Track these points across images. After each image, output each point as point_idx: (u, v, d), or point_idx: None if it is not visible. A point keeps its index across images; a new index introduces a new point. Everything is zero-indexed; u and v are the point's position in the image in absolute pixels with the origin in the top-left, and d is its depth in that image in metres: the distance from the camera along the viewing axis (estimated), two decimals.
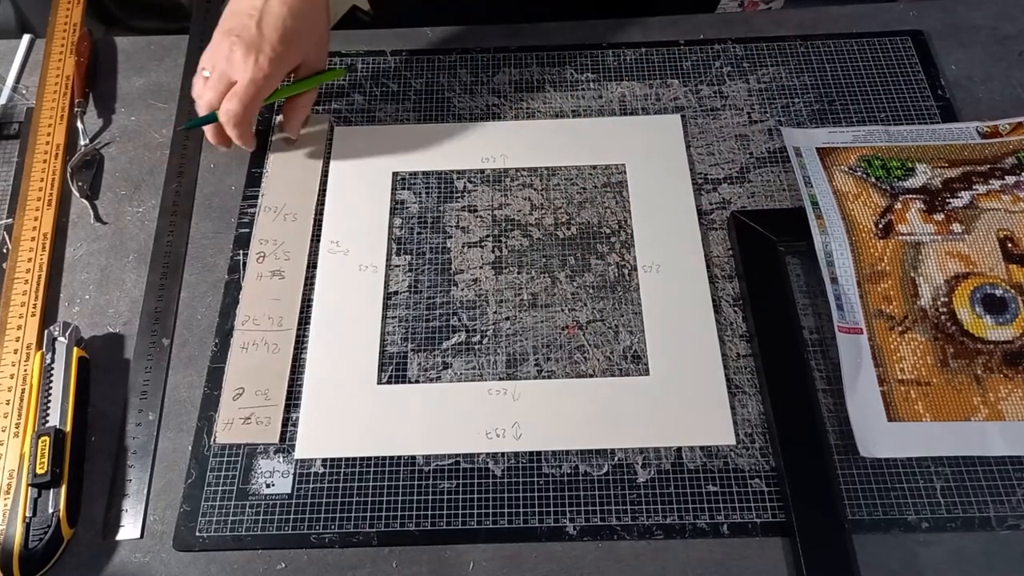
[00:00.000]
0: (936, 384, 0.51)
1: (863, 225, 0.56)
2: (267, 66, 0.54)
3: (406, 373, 0.54)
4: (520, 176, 0.62)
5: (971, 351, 0.52)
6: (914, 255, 0.55)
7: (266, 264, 0.57)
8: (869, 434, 0.49)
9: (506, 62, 0.68)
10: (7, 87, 0.67)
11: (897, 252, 0.55)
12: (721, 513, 0.49)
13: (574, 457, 0.51)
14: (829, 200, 0.57)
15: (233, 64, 0.54)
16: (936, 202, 0.56)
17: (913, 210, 0.56)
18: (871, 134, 0.61)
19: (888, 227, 0.55)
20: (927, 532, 0.48)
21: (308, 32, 0.57)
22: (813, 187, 0.58)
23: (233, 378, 0.53)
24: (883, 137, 0.61)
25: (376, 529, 0.49)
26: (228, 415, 0.52)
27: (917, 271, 0.54)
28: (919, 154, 0.59)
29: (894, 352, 0.52)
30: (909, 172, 0.57)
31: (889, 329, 0.52)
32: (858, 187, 0.58)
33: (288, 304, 0.56)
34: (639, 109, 0.64)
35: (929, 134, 0.61)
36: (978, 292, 0.53)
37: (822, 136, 0.62)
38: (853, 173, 0.58)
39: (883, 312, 0.53)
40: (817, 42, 0.67)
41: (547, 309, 0.56)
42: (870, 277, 0.54)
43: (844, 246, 0.55)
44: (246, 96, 0.54)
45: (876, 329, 0.52)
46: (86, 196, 0.62)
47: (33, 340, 0.55)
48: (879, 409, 0.50)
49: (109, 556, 0.48)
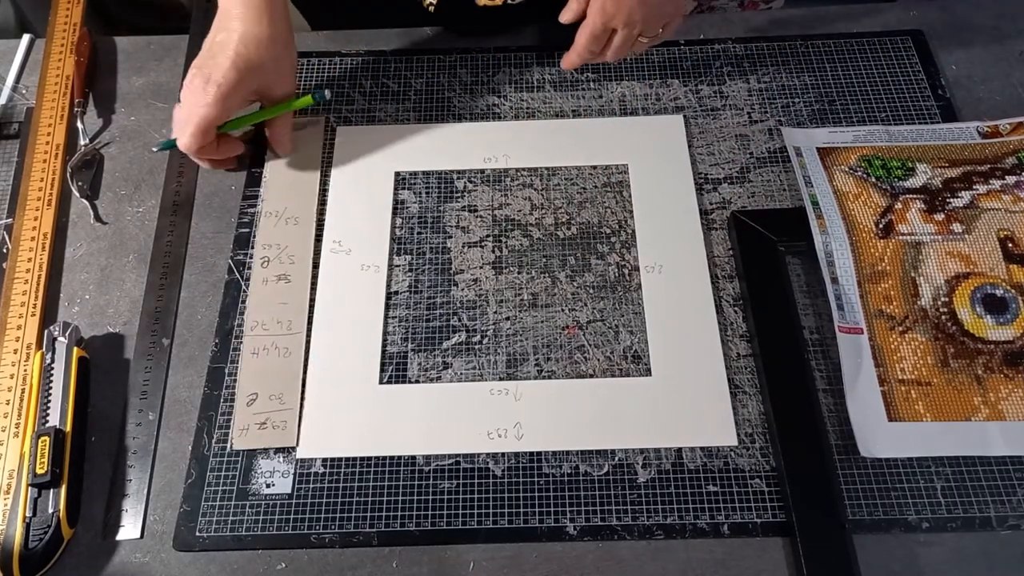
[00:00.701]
0: (936, 384, 0.51)
1: (863, 225, 0.56)
2: (214, 98, 0.54)
3: (406, 373, 0.54)
4: (520, 176, 0.62)
5: (971, 351, 0.52)
6: (915, 255, 0.55)
7: (271, 268, 0.57)
8: (869, 434, 0.49)
9: (506, 62, 0.68)
10: (7, 87, 0.67)
11: (898, 252, 0.55)
12: (721, 513, 0.49)
13: (574, 457, 0.51)
14: (829, 200, 0.57)
15: (191, 94, 0.56)
16: (936, 202, 0.56)
17: (913, 210, 0.56)
18: (871, 134, 0.61)
19: (888, 227, 0.55)
20: (927, 532, 0.48)
21: (267, 62, 0.57)
22: (813, 187, 0.58)
23: (246, 384, 0.53)
24: (883, 137, 0.61)
25: (376, 529, 0.49)
26: (243, 421, 0.52)
27: (918, 271, 0.54)
28: (919, 154, 0.59)
29: (894, 352, 0.52)
30: (910, 172, 0.57)
31: (889, 329, 0.52)
32: (858, 187, 0.58)
33: (296, 308, 0.56)
34: (639, 109, 0.64)
35: (930, 134, 0.61)
36: (978, 292, 0.53)
37: (822, 136, 0.62)
38: (853, 173, 0.58)
39: (883, 312, 0.53)
40: (817, 42, 0.67)
41: (547, 309, 0.56)
42: (870, 277, 0.54)
43: (844, 246, 0.55)
44: (196, 127, 0.55)
45: (876, 329, 0.52)
46: (86, 196, 0.62)
47: (33, 340, 0.55)
48: (879, 409, 0.50)
49: (109, 556, 0.48)
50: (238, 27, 0.55)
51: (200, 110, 0.55)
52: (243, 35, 0.55)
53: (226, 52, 0.55)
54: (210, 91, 0.54)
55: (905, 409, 0.50)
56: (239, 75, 0.55)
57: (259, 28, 0.56)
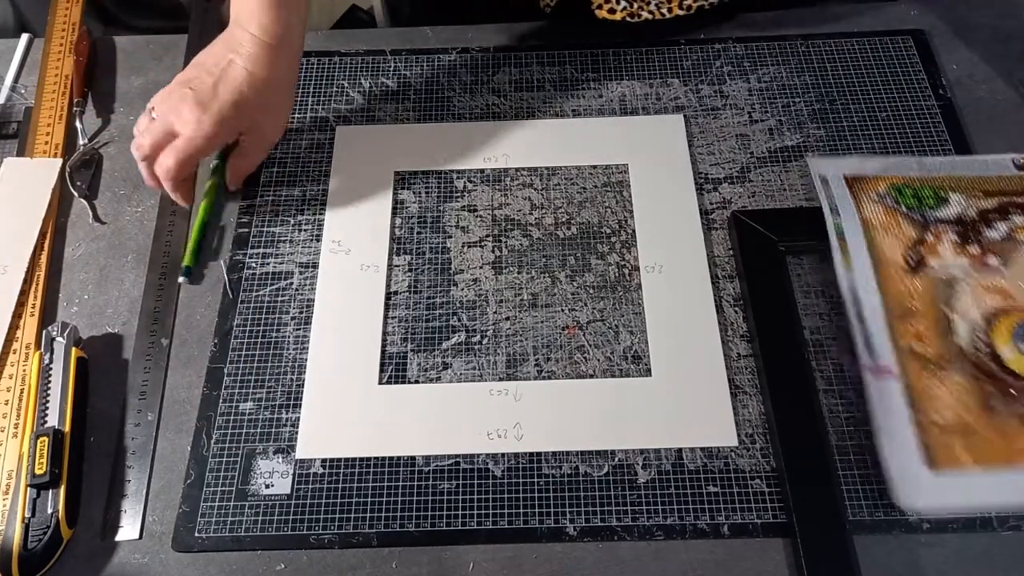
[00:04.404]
0: (979, 428, 0.47)
1: (892, 260, 0.53)
2: (210, 127, 0.53)
3: (406, 373, 0.54)
4: (520, 176, 0.62)
5: (1016, 391, 0.48)
6: (948, 291, 0.51)
7: None
8: (908, 485, 0.45)
9: (506, 62, 0.67)
10: (6, 86, 0.67)
11: (929, 288, 0.52)
12: (722, 514, 0.48)
13: (574, 458, 0.50)
14: (856, 230, 0.54)
15: (180, 116, 0.53)
16: (970, 233, 0.53)
17: (946, 242, 0.53)
18: (902, 164, 0.58)
19: (919, 261, 0.52)
20: (928, 533, 0.47)
21: (267, 103, 0.56)
22: (840, 216, 0.54)
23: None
24: (915, 168, 0.57)
25: (376, 530, 0.48)
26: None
27: (951, 307, 0.51)
28: (953, 183, 0.56)
29: (930, 395, 0.48)
30: (943, 201, 0.54)
31: (923, 370, 0.49)
32: (888, 216, 0.54)
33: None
34: (639, 109, 0.64)
35: (963, 166, 0.58)
36: (1021, 328, 0.49)
37: (850, 165, 0.58)
38: (883, 200, 0.55)
39: (916, 351, 0.50)
40: (818, 41, 0.67)
41: (547, 309, 0.56)
42: (900, 315, 0.51)
43: (871, 282, 0.52)
44: (183, 152, 0.54)
45: (909, 370, 0.49)
46: (85, 196, 0.61)
47: (32, 340, 0.55)
48: (918, 457, 0.46)
49: (108, 557, 0.48)
50: (248, 66, 0.54)
51: (193, 136, 0.53)
52: (252, 76, 0.54)
53: (228, 84, 0.53)
54: (207, 120, 0.53)
55: (946, 456, 0.46)
56: (237, 113, 0.54)
57: (269, 72, 0.54)
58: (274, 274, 0.58)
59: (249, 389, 0.53)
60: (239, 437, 0.51)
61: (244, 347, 0.55)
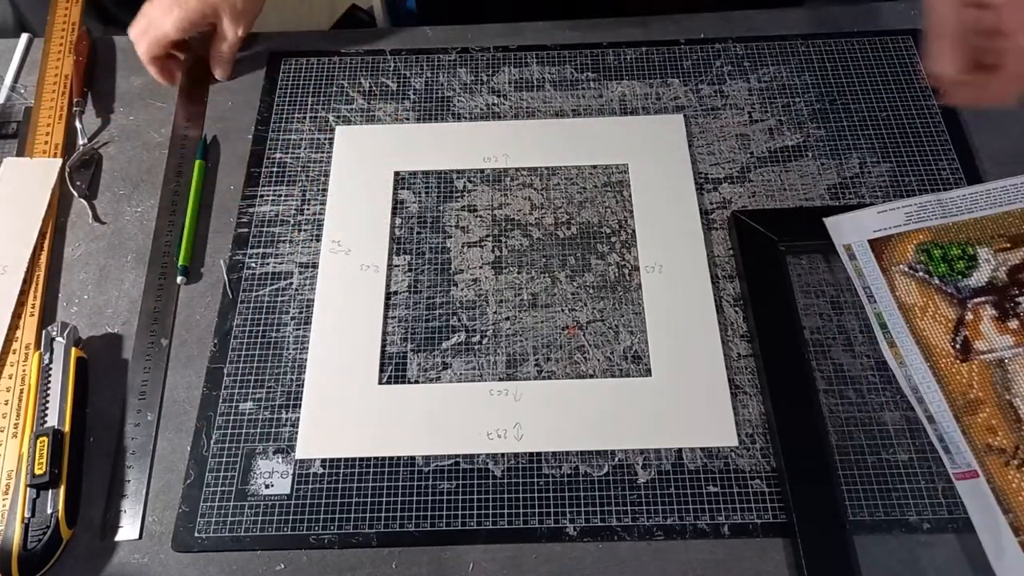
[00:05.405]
0: None
1: (939, 347, 0.50)
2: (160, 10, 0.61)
3: (406, 373, 0.54)
4: (520, 176, 0.62)
5: None
6: (1003, 374, 0.49)
7: None
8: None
9: (506, 62, 0.67)
10: (5, 86, 0.67)
11: (984, 374, 0.49)
12: (722, 514, 0.48)
13: (574, 458, 0.50)
14: (896, 318, 0.52)
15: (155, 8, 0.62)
16: (1007, 305, 0.51)
17: (986, 319, 0.51)
18: (923, 208, 0.56)
19: (966, 346, 0.50)
20: (928, 533, 0.47)
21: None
22: (877, 303, 0.52)
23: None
24: (937, 210, 0.55)
25: (376, 530, 0.48)
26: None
27: (1011, 392, 0.48)
28: (978, 233, 0.54)
29: (1018, 492, 0.45)
30: (972, 263, 0.52)
31: (1004, 464, 0.46)
32: (923, 295, 0.52)
33: None
34: (639, 108, 0.64)
35: (984, 198, 0.56)
36: None
37: (871, 220, 0.56)
38: (914, 275, 0.53)
39: (992, 446, 0.47)
40: (817, 41, 0.67)
41: (547, 309, 0.56)
42: (965, 408, 0.48)
43: (927, 376, 0.50)
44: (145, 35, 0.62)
45: (992, 468, 0.47)
46: (84, 196, 0.61)
47: (31, 340, 0.55)
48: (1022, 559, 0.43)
49: (108, 557, 0.48)
50: None
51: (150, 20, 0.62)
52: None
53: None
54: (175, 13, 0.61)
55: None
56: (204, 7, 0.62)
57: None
58: (274, 274, 0.58)
59: (249, 389, 0.53)
60: (239, 437, 0.51)
61: (244, 347, 0.55)
